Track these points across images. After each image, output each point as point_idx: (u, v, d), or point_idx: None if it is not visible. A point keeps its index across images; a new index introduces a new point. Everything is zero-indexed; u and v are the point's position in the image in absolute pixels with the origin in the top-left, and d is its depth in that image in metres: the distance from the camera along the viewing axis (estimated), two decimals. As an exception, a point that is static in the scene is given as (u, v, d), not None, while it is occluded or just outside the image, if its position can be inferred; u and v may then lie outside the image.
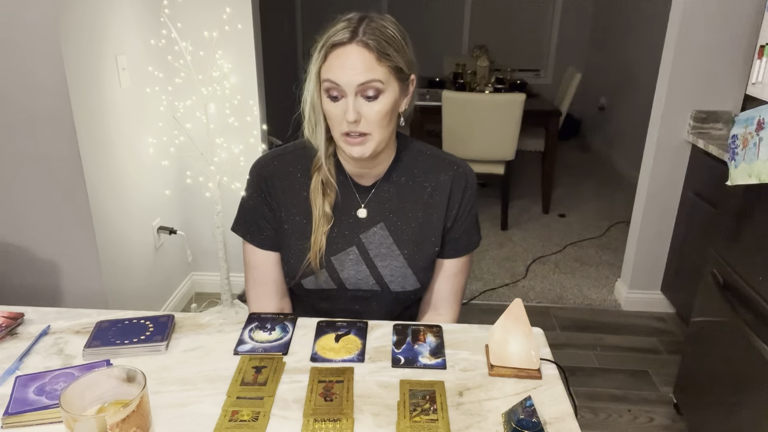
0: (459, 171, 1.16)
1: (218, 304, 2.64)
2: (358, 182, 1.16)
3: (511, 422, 0.82)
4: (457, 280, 1.22)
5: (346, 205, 1.15)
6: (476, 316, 2.67)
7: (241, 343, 1.02)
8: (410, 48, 1.07)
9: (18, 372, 0.94)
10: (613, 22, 5.27)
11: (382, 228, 1.15)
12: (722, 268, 1.75)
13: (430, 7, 5.99)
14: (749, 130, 1.49)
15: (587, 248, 3.42)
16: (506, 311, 0.95)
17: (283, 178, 1.15)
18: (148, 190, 2.35)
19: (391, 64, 1.01)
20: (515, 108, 3.33)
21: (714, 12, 2.29)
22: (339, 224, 1.15)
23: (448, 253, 1.19)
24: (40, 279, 1.98)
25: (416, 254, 1.15)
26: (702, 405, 1.86)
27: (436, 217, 1.16)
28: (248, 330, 1.06)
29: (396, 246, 1.14)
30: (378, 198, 1.16)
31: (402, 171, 1.16)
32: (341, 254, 1.15)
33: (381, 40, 1.00)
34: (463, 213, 1.17)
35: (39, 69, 1.74)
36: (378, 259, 1.15)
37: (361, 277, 1.15)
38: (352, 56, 0.99)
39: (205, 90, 2.30)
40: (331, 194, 1.13)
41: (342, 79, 0.99)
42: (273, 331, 1.06)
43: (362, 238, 1.15)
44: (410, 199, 1.16)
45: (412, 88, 1.10)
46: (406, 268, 1.15)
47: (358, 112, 1.01)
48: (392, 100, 1.03)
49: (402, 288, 1.16)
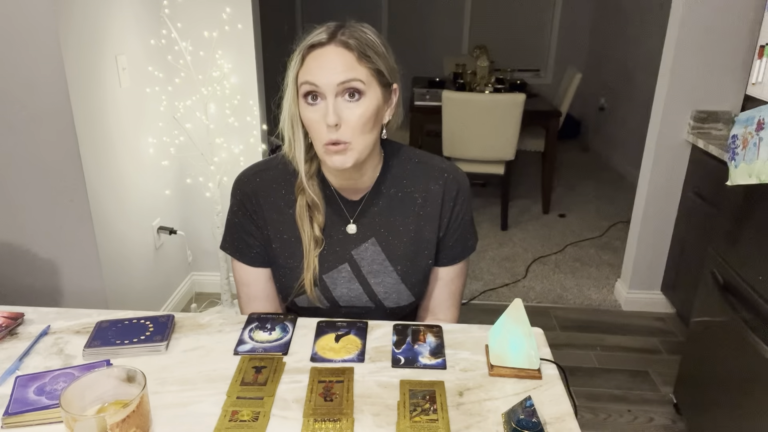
0: (450, 178, 1.12)
1: (218, 304, 2.64)
2: (346, 197, 1.11)
3: (511, 422, 0.82)
4: (454, 285, 1.20)
5: (334, 221, 1.11)
6: (476, 316, 2.67)
7: (241, 343, 1.02)
8: (391, 57, 1.02)
9: (18, 372, 0.94)
10: (613, 22, 5.27)
11: (374, 244, 1.11)
12: (722, 268, 1.75)
13: (430, 7, 5.99)
14: (749, 130, 1.50)
15: (587, 248, 3.42)
16: (506, 311, 0.95)
17: (267, 194, 1.11)
18: (148, 190, 2.35)
19: (372, 66, 0.97)
20: (515, 108, 3.33)
21: (714, 12, 2.29)
22: (329, 241, 1.11)
23: (443, 261, 1.16)
24: (40, 279, 1.98)
25: (410, 269, 1.12)
26: (702, 405, 1.86)
27: (429, 229, 1.12)
28: (248, 330, 1.06)
29: (389, 262, 1.11)
30: (367, 212, 1.11)
31: (391, 182, 1.11)
32: (333, 272, 1.11)
33: (361, 41, 0.96)
34: (456, 220, 1.13)
35: (39, 69, 1.74)
36: (371, 276, 1.12)
37: (354, 294, 1.13)
38: (331, 56, 0.95)
39: (205, 90, 2.30)
40: (319, 216, 1.09)
41: (321, 80, 0.94)
42: (273, 331, 1.06)
43: (354, 255, 1.11)
44: (401, 212, 1.11)
45: (395, 98, 1.05)
46: (400, 284, 1.12)
47: (339, 115, 0.95)
48: (375, 105, 0.98)
49: (396, 304, 1.13)
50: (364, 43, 0.97)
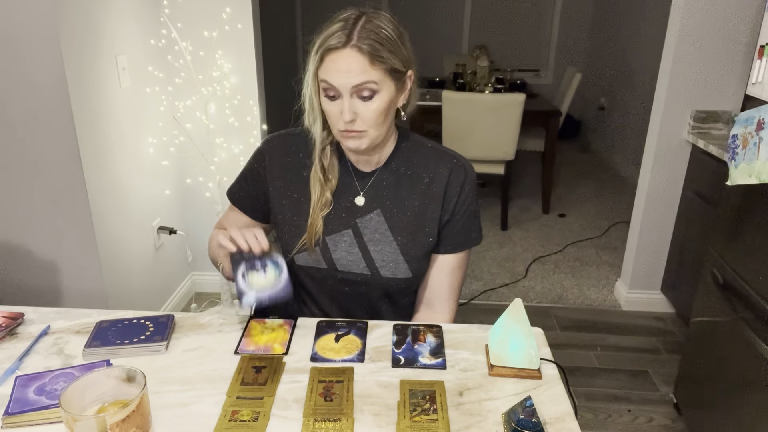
0: (458, 164, 1.18)
1: (218, 304, 2.64)
2: (358, 167, 1.19)
3: (511, 422, 0.82)
4: (454, 276, 1.22)
5: (344, 190, 1.18)
6: (476, 316, 2.67)
7: (242, 294, 1.01)
8: (407, 45, 1.08)
9: (18, 372, 0.94)
10: (613, 22, 5.27)
11: (379, 215, 1.17)
12: (722, 268, 1.75)
13: (430, 6, 5.99)
14: (749, 130, 1.50)
15: (587, 248, 3.42)
16: (506, 311, 0.95)
17: (285, 155, 1.20)
18: (148, 190, 2.35)
19: (385, 66, 1.03)
20: (515, 108, 3.33)
21: (714, 12, 2.29)
22: (336, 207, 1.17)
23: (446, 248, 1.20)
24: (40, 279, 1.98)
25: (410, 242, 1.16)
26: (702, 405, 1.86)
27: (432, 208, 1.17)
28: (241, 275, 1.03)
29: (390, 232, 1.16)
30: (376, 186, 1.18)
31: (402, 160, 1.19)
32: (336, 235, 1.16)
33: (375, 42, 1.01)
34: (461, 207, 1.18)
35: (39, 69, 1.74)
36: (371, 244, 1.16)
37: (352, 259, 1.16)
38: (346, 60, 1.01)
39: (205, 90, 2.30)
40: (332, 180, 1.17)
41: (337, 82, 1.02)
42: (266, 268, 1.04)
43: (358, 223, 1.17)
44: (408, 188, 1.18)
45: (410, 83, 1.11)
46: (399, 254, 1.15)
47: (354, 111, 1.04)
48: (387, 98, 1.06)
49: (393, 274, 1.16)
50: (378, 43, 1.02)
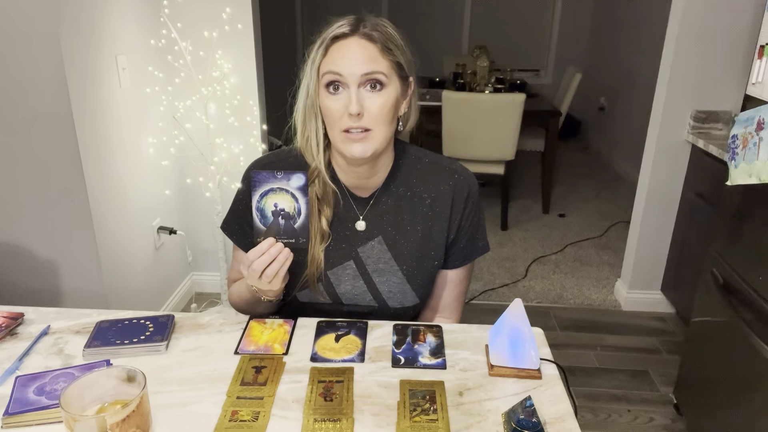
0: (460, 180, 1.12)
1: (218, 304, 2.64)
2: (356, 194, 1.12)
3: (511, 422, 0.82)
4: (462, 286, 1.20)
5: (342, 217, 1.11)
6: (476, 316, 2.67)
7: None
8: (409, 50, 1.05)
9: (18, 372, 0.94)
10: (613, 22, 5.27)
11: (380, 242, 1.11)
12: (722, 268, 1.75)
13: (430, 7, 5.99)
14: (749, 130, 1.50)
15: (587, 248, 3.42)
16: (506, 311, 0.95)
17: None
18: (148, 190, 2.35)
19: (393, 59, 1.00)
20: (515, 108, 3.33)
21: (714, 12, 2.29)
22: (336, 237, 1.11)
23: (453, 263, 1.16)
24: (40, 279, 1.98)
25: (416, 270, 1.11)
26: (702, 405, 1.86)
27: (437, 230, 1.11)
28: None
29: (395, 261, 1.11)
30: (376, 210, 1.12)
31: (400, 181, 1.12)
32: (338, 268, 1.11)
33: (384, 34, 1.00)
34: (467, 222, 1.13)
35: (39, 69, 1.74)
36: (376, 275, 1.11)
37: (358, 292, 1.12)
38: (355, 47, 0.97)
39: (205, 90, 2.30)
40: (327, 210, 1.09)
41: (345, 69, 0.96)
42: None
43: (359, 252, 1.11)
44: (409, 211, 1.11)
45: (410, 91, 1.07)
46: (405, 284, 1.11)
47: (361, 105, 0.97)
48: (394, 96, 1.01)
49: (401, 305, 1.13)
50: (387, 37, 1.00)
